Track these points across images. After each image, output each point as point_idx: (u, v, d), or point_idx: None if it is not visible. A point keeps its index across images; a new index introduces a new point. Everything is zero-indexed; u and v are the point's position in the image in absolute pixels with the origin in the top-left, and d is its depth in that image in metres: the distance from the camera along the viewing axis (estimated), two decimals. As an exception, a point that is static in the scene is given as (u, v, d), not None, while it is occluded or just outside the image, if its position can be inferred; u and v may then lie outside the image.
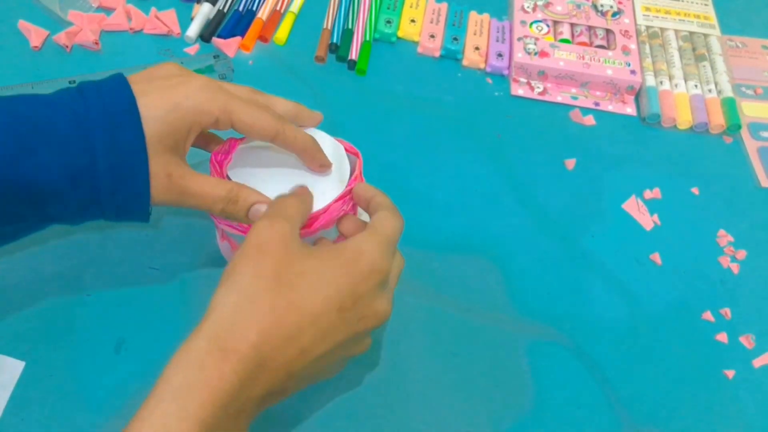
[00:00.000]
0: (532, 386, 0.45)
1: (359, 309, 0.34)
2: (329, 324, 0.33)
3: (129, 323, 0.44)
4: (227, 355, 0.30)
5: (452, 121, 0.58)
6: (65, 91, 0.36)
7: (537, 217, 0.53)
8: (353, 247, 0.35)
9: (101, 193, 0.35)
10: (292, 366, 0.32)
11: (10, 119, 0.33)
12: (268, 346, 0.31)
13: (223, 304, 0.32)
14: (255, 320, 0.31)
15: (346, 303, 0.33)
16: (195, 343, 0.31)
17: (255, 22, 0.61)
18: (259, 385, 0.31)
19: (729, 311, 0.50)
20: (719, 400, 0.46)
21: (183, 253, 0.47)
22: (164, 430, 0.28)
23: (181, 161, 0.37)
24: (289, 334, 0.32)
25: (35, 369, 0.41)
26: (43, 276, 0.45)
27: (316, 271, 0.33)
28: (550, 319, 0.48)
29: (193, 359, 0.30)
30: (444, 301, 0.47)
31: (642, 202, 0.55)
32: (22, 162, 0.33)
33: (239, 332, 0.31)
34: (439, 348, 0.45)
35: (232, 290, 0.32)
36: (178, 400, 0.29)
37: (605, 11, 0.66)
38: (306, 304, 0.32)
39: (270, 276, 0.32)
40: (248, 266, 0.33)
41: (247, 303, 0.32)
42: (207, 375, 0.29)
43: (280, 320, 0.32)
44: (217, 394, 0.29)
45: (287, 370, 0.32)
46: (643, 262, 0.51)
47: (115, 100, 0.35)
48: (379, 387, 0.43)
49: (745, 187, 0.57)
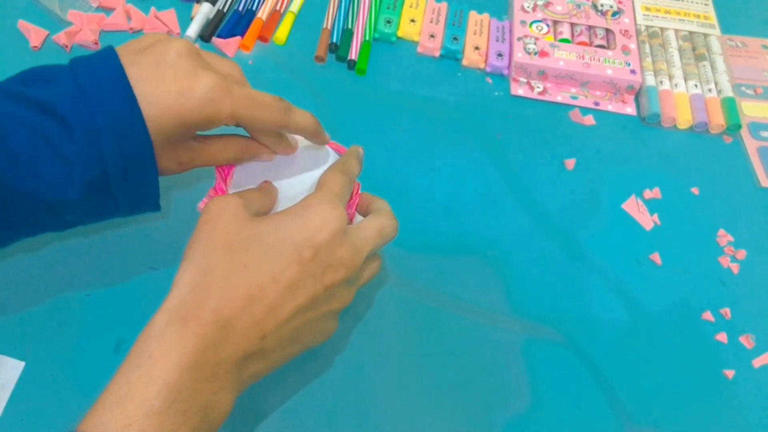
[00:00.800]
0: (531, 386, 0.45)
1: (321, 258, 0.34)
2: (292, 278, 0.33)
3: (129, 323, 0.44)
4: (187, 322, 0.31)
5: (452, 121, 0.58)
6: (64, 85, 0.34)
7: (537, 217, 0.53)
8: (301, 204, 0.35)
9: (115, 195, 0.36)
10: (263, 325, 0.33)
11: (25, 130, 0.33)
12: (228, 309, 0.32)
13: (180, 279, 0.33)
14: (212, 287, 0.32)
15: (305, 254, 0.34)
16: (156, 318, 0.31)
17: (255, 21, 0.61)
18: (230, 347, 0.32)
19: (729, 311, 0.50)
20: (719, 400, 0.46)
21: (182, 254, 0.47)
22: (129, 396, 0.29)
23: (187, 144, 0.38)
24: (249, 293, 0.32)
25: (35, 369, 0.41)
26: (43, 276, 0.45)
27: (269, 232, 0.34)
28: (550, 319, 0.48)
29: (154, 331, 0.31)
30: (443, 300, 0.47)
31: (642, 202, 0.55)
32: (35, 178, 0.33)
33: (197, 300, 0.32)
34: (437, 348, 0.45)
35: (187, 267, 0.33)
36: (141, 368, 0.30)
37: (605, 11, 0.66)
38: (262, 263, 0.33)
39: (221, 245, 0.33)
40: (200, 241, 0.34)
41: (201, 274, 0.33)
42: (168, 341, 0.30)
43: (238, 282, 0.32)
44: (180, 359, 0.30)
45: (260, 331, 0.33)
46: (642, 262, 0.51)
47: (118, 97, 0.34)
48: (377, 387, 0.43)
49: (745, 187, 0.57)
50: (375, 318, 0.46)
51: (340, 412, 0.42)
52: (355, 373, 0.44)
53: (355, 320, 0.46)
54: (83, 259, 0.46)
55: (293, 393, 0.43)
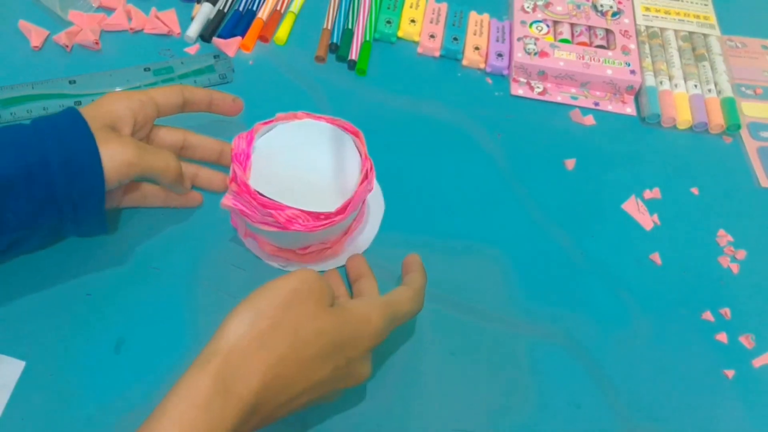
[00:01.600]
0: (531, 386, 0.45)
1: (348, 369, 0.36)
2: (320, 380, 0.35)
3: (129, 323, 0.44)
4: (231, 397, 0.31)
5: (452, 121, 0.58)
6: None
7: (536, 217, 0.53)
8: (363, 312, 0.37)
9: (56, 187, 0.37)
10: (278, 411, 0.34)
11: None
12: (265, 394, 0.32)
13: (237, 339, 0.32)
14: (263, 368, 0.32)
15: (340, 363, 0.35)
16: (201, 380, 0.31)
17: (255, 22, 0.61)
18: (248, 427, 0.32)
19: (729, 311, 0.50)
20: (719, 400, 0.46)
21: (183, 253, 0.47)
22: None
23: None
24: (285, 384, 0.33)
25: (35, 369, 0.41)
26: (43, 276, 0.45)
27: (333, 331, 0.35)
28: (550, 319, 0.48)
29: (198, 397, 0.30)
30: (443, 300, 0.47)
31: (642, 202, 0.55)
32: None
33: (245, 377, 0.32)
34: (438, 347, 0.45)
35: (249, 327, 0.33)
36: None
37: (605, 11, 0.66)
38: (310, 363, 0.34)
39: (291, 328, 0.33)
40: (272, 309, 0.34)
41: (259, 348, 0.32)
42: (211, 416, 0.30)
43: (283, 372, 0.33)
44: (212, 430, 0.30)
45: (273, 414, 0.34)
46: (642, 262, 0.51)
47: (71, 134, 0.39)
48: (378, 386, 0.43)
49: (745, 187, 0.57)
50: (375, 318, 0.46)
51: (340, 412, 0.42)
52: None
53: (356, 320, 0.46)
54: (83, 259, 0.46)
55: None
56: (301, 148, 0.45)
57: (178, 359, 0.42)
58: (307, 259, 0.47)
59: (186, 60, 0.57)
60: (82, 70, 0.55)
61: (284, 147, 0.45)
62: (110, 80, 0.55)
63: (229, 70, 0.57)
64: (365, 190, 0.44)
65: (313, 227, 0.42)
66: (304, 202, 0.42)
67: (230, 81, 0.57)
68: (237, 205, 0.43)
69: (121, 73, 0.55)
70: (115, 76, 0.55)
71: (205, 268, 0.47)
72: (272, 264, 0.47)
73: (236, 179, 0.43)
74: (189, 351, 0.43)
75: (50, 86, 0.54)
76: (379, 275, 0.45)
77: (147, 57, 0.57)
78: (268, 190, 0.42)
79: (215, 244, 0.48)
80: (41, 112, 0.52)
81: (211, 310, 0.45)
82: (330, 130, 0.46)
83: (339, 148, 0.45)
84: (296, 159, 0.45)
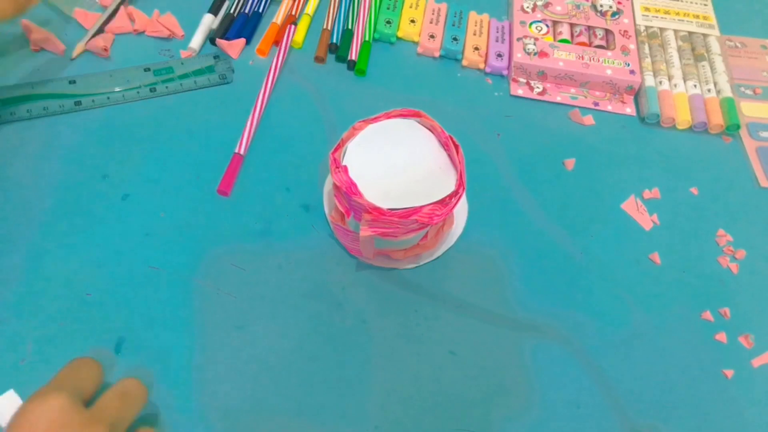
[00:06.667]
0: (531, 386, 0.45)
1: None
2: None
3: (129, 323, 0.44)
4: None
5: (452, 121, 0.58)
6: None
7: (536, 217, 0.53)
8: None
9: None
10: None
11: None
12: None
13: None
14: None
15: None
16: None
17: (270, 27, 0.61)
18: None
19: (728, 311, 0.50)
20: (718, 399, 0.46)
21: (183, 253, 0.47)
22: None
23: None
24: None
25: (36, 369, 0.41)
26: (44, 276, 0.45)
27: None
28: (549, 319, 0.48)
29: None
30: (443, 300, 0.47)
31: (641, 202, 0.55)
32: None
33: None
34: (438, 347, 0.46)
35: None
36: None
37: (604, 11, 0.66)
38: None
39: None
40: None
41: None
42: None
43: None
44: None
45: None
46: (642, 262, 0.52)
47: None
48: (378, 387, 0.43)
49: (744, 187, 0.57)
50: (375, 318, 0.46)
51: (340, 412, 0.42)
52: (355, 373, 0.44)
53: (356, 320, 0.46)
54: (83, 258, 0.46)
55: (293, 393, 0.43)
56: (378, 154, 0.45)
57: (178, 359, 0.43)
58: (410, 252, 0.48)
59: (186, 61, 0.57)
60: (82, 70, 0.55)
61: (366, 161, 0.44)
62: (110, 80, 0.55)
63: (228, 70, 0.57)
64: (462, 159, 0.44)
65: (447, 212, 0.43)
66: (425, 196, 0.42)
67: (230, 81, 0.57)
68: (377, 231, 0.42)
69: (122, 74, 0.56)
70: (116, 77, 0.55)
71: (205, 268, 0.47)
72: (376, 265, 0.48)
73: (365, 209, 0.42)
74: (189, 351, 0.43)
75: (50, 86, 0.54)
76: (379, 276, 0.45)
77: (148, 57, 0.57)
78: (393, 204, 0.42)
79: (216, 244, 0.48)
80: (41, 112, 0.52)
81: (211, 311, 0.45)
82: (391, 125, 0.46)
83: (410, 136, 0.46)
84: (382, 165, 0.44)
